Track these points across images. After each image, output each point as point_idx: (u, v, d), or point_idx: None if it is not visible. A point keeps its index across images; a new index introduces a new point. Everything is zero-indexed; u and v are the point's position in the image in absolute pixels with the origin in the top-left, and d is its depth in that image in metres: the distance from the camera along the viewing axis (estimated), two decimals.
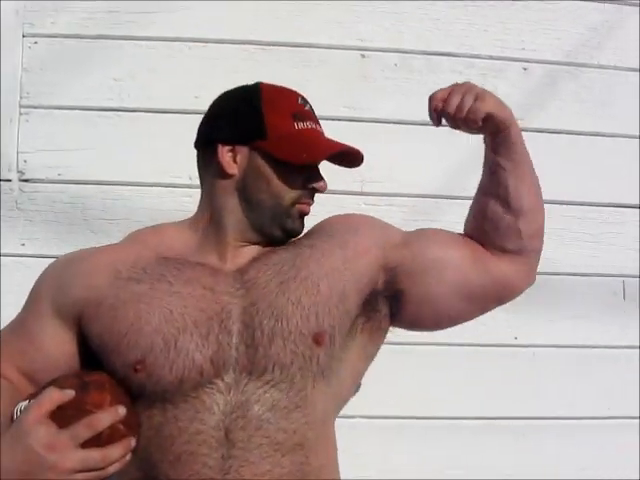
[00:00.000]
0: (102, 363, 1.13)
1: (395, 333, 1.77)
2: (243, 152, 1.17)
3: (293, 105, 1.19)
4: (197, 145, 1.23)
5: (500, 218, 1.16)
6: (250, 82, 1.24)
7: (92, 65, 1.81)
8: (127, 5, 1.82)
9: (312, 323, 1.11)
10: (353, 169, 1.81)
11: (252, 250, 1.20)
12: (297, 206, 1.18)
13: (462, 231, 1.28)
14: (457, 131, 1.16)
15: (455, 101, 1.09)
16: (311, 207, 1.20)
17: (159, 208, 1.76)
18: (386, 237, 1.21)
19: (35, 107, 1.79)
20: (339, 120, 1.81)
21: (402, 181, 1.84)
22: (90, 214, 1.79)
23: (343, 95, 1.84)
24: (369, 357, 1.23)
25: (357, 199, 1.83)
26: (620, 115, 1.93)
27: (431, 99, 1.11)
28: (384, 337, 1.24)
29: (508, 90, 1.86)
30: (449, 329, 1.23)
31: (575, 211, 1.92)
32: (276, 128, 1.15)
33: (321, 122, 1.25)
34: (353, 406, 1.30)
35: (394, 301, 1.20)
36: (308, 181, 1.18)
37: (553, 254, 1.85)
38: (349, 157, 1.20)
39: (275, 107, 1.16)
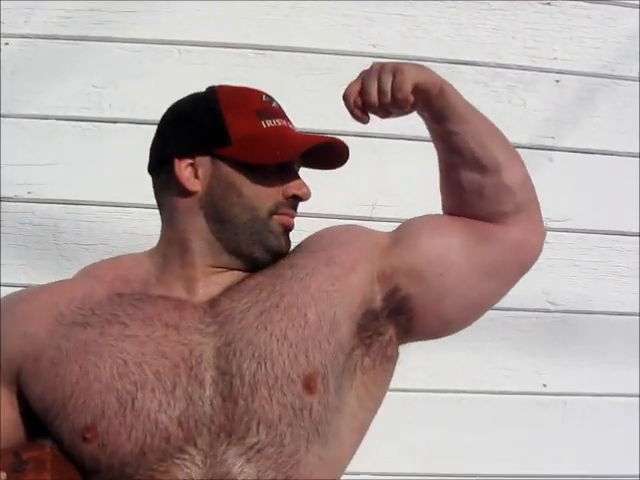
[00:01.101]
0: (48, 431, 1.00)
1: (408, 379, 1.66)
2: (205, 164, 1.04)
3: (257, 103, 1.07)
4: (150, 169, 1.10)
5: (481, 184, 1.06)
6: None
7: (69, 70, 1.70)
8: (110, 3, 1.71)
9: (302, 364, 0.98)
10: (365, 190, 1.76)
11: (228, 277, 1.06)
12: (276, 218, 1.05)
13: None
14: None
15: (373, 87, 0.99)
16: (294, 220, 1.08)
17: (140, 232, 1.63)
18: (373, 243, 1.09)
19: (4, 116, 1.68)
20: (347, 135, 1.67)
21: (417, 205, 1.64)
22: (63, 238, 1.68)
23: None
24: (374, 402, 1.08)
25: (366, 225, 1.65)
26: None
27: (345, 97, 1.01)
28: (392, 371, 1.09)
29: (538, 105, 1.80)
30: (467, 375, 1.12)
31: (612, 241, 1.81)
32: (240, 130, 1.03)
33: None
34: (360, 462, 1.14)
35: (401, 314, 1.06)
36: (287, 187, 1.06)
37: (586, 290, 1.79)
38: (332, 156, 1.09)
39: (236, 108, 1.05)
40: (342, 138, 1.98)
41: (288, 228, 1.06)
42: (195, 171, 1.04)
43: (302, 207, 1.68)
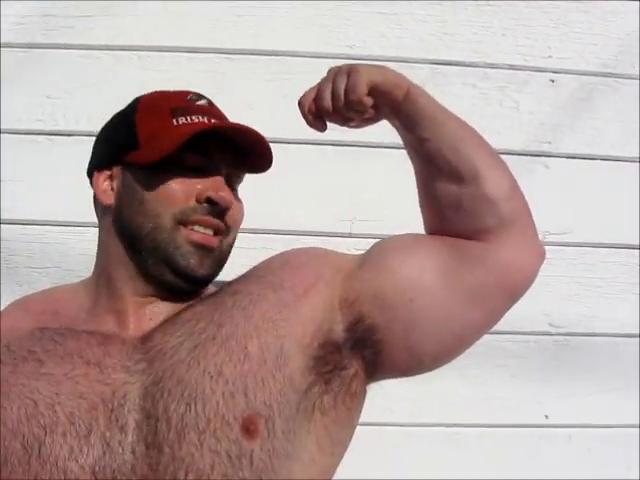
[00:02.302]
0: None
1: (392, 412, 1.55)
2: (118, 173, 0.99)
3: (176, 102, 1.00)
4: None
5: (460, 196, 0.97)
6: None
7: (21, 79, 1.62)
8: (64, 8, 1.63)
9: (239, 404, 0.88)
10: (342, 204, 1.67)
11: (163, 308, 0.98)
12: (184, 232, 0.94)
13: None
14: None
15: (327, 91, 0.93)
16: (212, 236, 0.96)
17: None
18: (335, 265, 1.00)
19: None
20: (323, 145, 1.64)
21: (400, 218, 1.53)
22: (13, 261, 1.60)
23: None
24: (338, 446, 0.97)
25: (344, 242, 1.60)
26: None
27: (300, 104, 0.95)
28: (359, 410, 0.99)
29: (532, 107, 1.72)
30: (459, 406, 1.00)
31: (617, 256, 1.73)
32: (147, 131, 0.97)
33: (302, 147, 1.12)
34: None
35: (367, 347, 0.97)
36: (199, 191, 0.95)
37: (590, 310, 1.71)
38: (253, 151, 0.98)
39: (150, 110, 0.99)
40: (319, 148, 1.85)
41: (201, 245, 0.95)
42: (111, 183, 1.00)
43: (275, 224, 1.62)
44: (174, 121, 0.96)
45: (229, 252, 0.99)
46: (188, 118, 0.96)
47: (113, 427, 0.88)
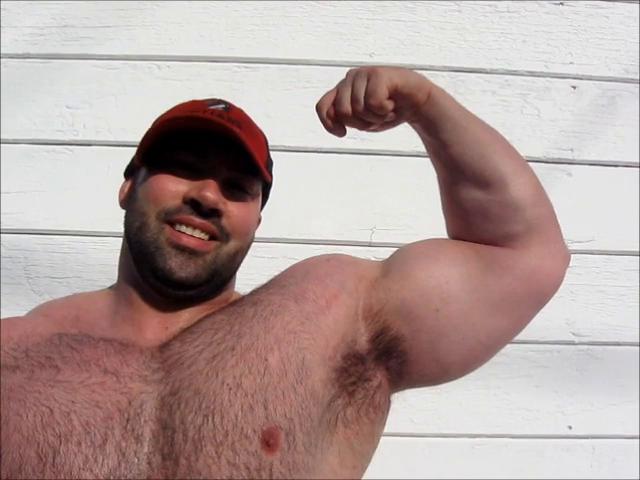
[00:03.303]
0: None
1: (415, 423, 1.53)
2: (132, 179, 1.01)
3: (192, 106, 0.98)
4: None
5: (485, 202, 0.95)
6: None
7: (41, 90, 1.62)
8: (84, 19, 1.63)
9: (259, 417, 0.86)
10: (362, 213, 1.66)
11: (183, 316, 0.96)
12: (167, 229, 0.92)
13: None
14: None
15: (346, 95, 0.89)
16: (198, 238, 0.93)
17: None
18: (358, 275, 0.97)
19: None
20: (343, 153, 1.62)
21: (420, 227, 1.58)
22: (34, 271, 1.59)
23: None
24: (361, 459, 0.95)
25: (364, 251, 1.57)
26: None
27: (318, 108, 0.91)
28: (383, 422, 0.97)
29: (554, 114, 1.69)
30: (482, 417, 0.98)
31: None
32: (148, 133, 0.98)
33: (322, 157, 1.05)
34: None
35: (392, 358, 0.95)
36: (186, 191, 0.93)
37: (613, 319, 1.67)
38: (240, 152, 0.94)
39: (165, 114, 1.00)
40: (339, 157, 1.82)
41: (181, 247, 0.91)
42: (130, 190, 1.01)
43: (294, 233, 1.60)
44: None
45: (231, 261, 0.96)
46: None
47: (129, 437, 0.85)
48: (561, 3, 1.69)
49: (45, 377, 0.89)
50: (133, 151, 1.48)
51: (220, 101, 0.99)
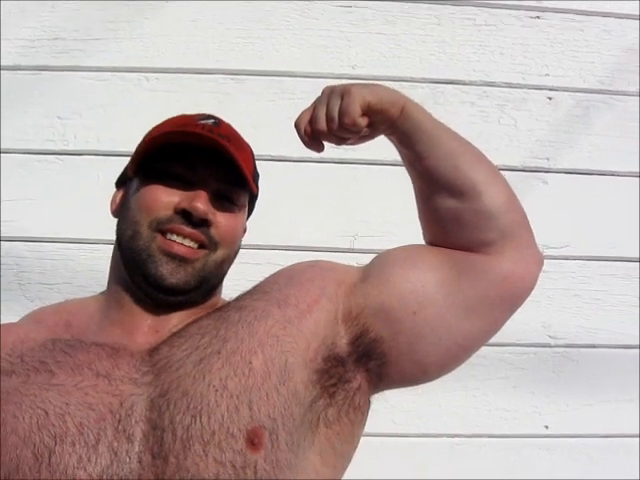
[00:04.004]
0: None
1: (395, 423, 1.57)
2: (124, 189, 1.05)
3: (184, 119, 1.02)
4: None
5: (460, 210, 0.98)
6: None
7: (32, 101, 1.65)
8: (74, 31, 1.66)
9: (244, 417, 0.89)
10: (345, 221, 1.69)
11: (171, 321, 0.99)
12: (159, 238, 0.96)
13: None
14: None
15: (321, 114, 0.94)
16: (188, 247, 0.96)
17: (107, 270, 1.53)
18: (337, 280, 1.01)
19: None
20: (326, 163, 1.65)
21: (401, 233, 1.57)
22: (26, 277, 1.62)
23: None
24: (341, 458, 0.98)
25: (347, 257, 1.56)
26: None
27: (296, 126, 0.96)
28: (362, 423, 1.00)
29: (530, 124, 1.73)
30: (461, 417, 0.99)
31: (615, 268, 1.73)
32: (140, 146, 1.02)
33: (305, 165, 1.04)
34: None
35: (372, 360, 0.98)
36: (177, 202, 0.97)
37: (588, 322, 1.71)
38: (229, 165, 0.97)
39: (156, 127, 1.03)
40: (322, 166, 1.86)
41: (172, 255, 0.95)
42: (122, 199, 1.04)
43: (278, 239, 1.64)
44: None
45: (218, 269, 0.99)
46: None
47: (120, 437, 0.88)
48: (537, 16, 1.73)
49: (40, 381, 0.92)
50: (122, 160, 1.51)
51: (209, 116, 1.02)
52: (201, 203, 0.95)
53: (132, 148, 1.61)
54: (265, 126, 1.61)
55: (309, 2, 1.69)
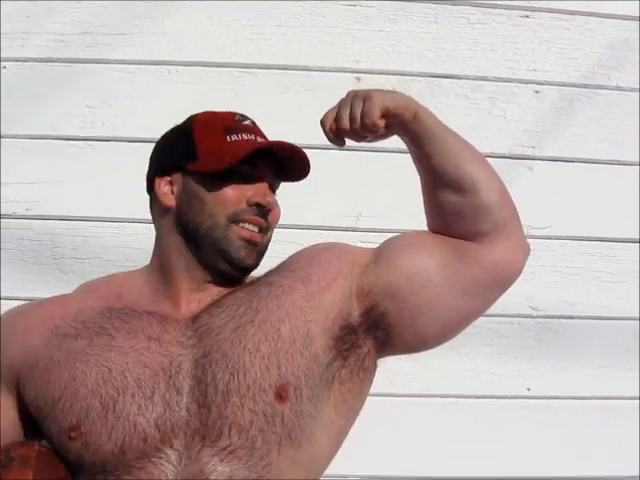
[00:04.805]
0: (41, 431, 1.07)
1: (394, 385, 1.68)
2: (179, 180, 1.11)
3: (227, 121, 1.12)
4: (147, 191, 1.19)
5: (460, 205, 1.07)
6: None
7: (64, 91, 1.72)
8: (101, 26, 1.74)
9: (273, 375, 1.02)
10: (350, 202, 1.78)
11: (211, 293, 1.11)
12: (235, 228, 1.08)
13: None
14: None
15: (345, 113, 1.03)
16: (257, 234, 1.09)
17: (135, 246, 1.66)
18: (352, 261, 1.12)
19: (3, 136, 1.70)
20: (332, 149, 1.69)
21: (401, 215, 1.69)
22: (60, 252, 1.71)
23: None
24: (352, 411, 1.11)
25: (351, 235, 1.68)
26: None
27: (322, 123, 1.06)
28: (370, 382, 1.12)
29: (519, 115, 1.79)
30: (453, 379, 1.05)
31: (592, 248, 1.81)
32: (205, 145, 1.09)
33: (312, 153, 1.13)
34: (347, 465, 1.20)
35: (379, 330, 1.09)
36: (250, 196, 1.09)
37: (569, 296, 1.79)
38: (295, 164, 1.11)
39: (206, 127, 1.11)
40: (328, 152, 2.00)
41: (248, 241, 1.08)
42: (172, 188, 1.11)
43: (289, 219, 1.73)
44: (227, 138, 1.08)
45: (268, 246, 1.13)
46: (239, 135, 1.09)
47: (171, 390, 1.01)
48: (527, 16, 1.80)
49: (102, 343, 1.05)
50: (146, 147, 1.62)
51: (243, 116, 1.14)
52: (270, 197, 1.10)
53: (155, 135, 1.69)
54: (276, 115, 1.66)
55: (317, 1, 1.77)
